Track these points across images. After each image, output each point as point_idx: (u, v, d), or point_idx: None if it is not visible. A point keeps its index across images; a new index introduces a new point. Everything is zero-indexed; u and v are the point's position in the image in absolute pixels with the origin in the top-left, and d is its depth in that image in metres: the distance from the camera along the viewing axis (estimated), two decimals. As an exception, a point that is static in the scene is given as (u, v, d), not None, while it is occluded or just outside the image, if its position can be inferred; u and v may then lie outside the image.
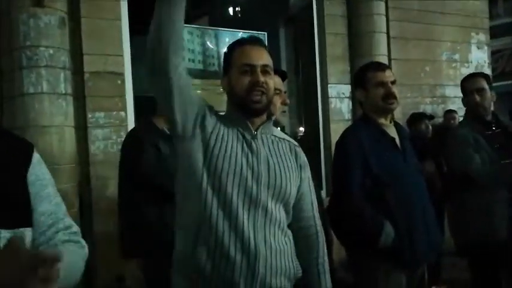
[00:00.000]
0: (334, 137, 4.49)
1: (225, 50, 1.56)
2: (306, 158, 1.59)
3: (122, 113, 3.61)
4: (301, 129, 5.15)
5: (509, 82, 11.74)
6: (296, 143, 1.59)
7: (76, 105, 3.42)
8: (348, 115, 4.65)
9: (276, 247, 1.40)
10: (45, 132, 3.15)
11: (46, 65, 3.14)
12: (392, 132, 2.15)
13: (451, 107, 5.26)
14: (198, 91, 4.17)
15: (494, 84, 3.03)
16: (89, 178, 3.45)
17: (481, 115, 2.61)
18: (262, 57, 1.46)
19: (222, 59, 1.58)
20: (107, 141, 3.52)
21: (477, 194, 2.50)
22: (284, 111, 1.89)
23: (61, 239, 1.04)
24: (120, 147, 2.75)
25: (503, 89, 10.65)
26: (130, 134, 2.66)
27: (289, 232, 1.50)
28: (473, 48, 5.63)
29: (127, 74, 3.69)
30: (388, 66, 2.25)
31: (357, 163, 2.02)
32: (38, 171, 1.05)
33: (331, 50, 4.63)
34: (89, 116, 3.48)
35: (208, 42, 4.43)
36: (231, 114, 1.49)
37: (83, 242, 1.10)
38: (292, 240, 1.50)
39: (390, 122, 2.18)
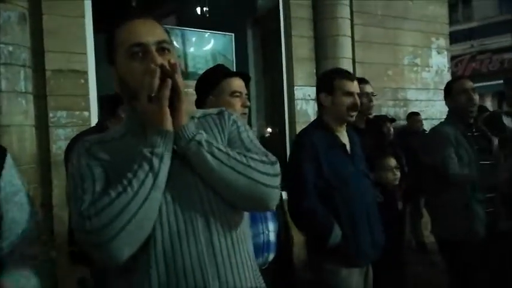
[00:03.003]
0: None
1: (191, 49, 1.37)
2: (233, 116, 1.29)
3: (85, 113, 3.54)
4: (269, 129, 5.19)
5: (488, 83, 12.18)
6: (218, 111, 1.29)
7: (37, 104, 3.33)
8: (313, 117, 4.70)
9: None
10: (4, 131, 3.06)
11: (5, 63, 3.05)
12: (344, 138, 2.23)
13: (412, 109, 5.44)
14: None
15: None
16: (50, 179, 3.37)
17: (466, 116, 2.70)
18: (154, 33, 1.12)
19: (188, 60, 1.42)
20: (69, 141, 3.43)
21: (454, 193, 2.61)
22: (245, 113, 1.90)
23: (26, 253, 1.02)
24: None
25: (481, 91, 11.06)
26: (74, 138, 2.57)
27: None
28: (434, 53, 5.82)
29: (90, 73, 3.61)
30: (356, 77, 2.31)
31: (311, 164, 2.08)
32: (10, 177, 1.03)
33: (297, 52, 4.69)
34: (51, 115, 3.40)
35: (174, 42, 4.40)
36: (135, 119, 1.15)
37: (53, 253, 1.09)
38: None
39: (343, 129, 2.24)
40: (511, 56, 13.36)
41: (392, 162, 2.71)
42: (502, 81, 12.48)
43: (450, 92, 2.80)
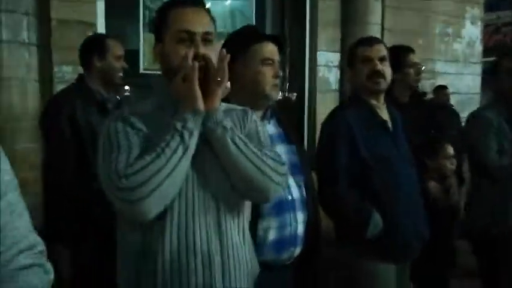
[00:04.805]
0: (320, 108, 4.33)
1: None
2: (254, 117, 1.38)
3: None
4: (286, 95, 4.89)
5: (491, 59, 11.70)
6: (243, 108, 1.38)
7: (41, 56, 3.08)
8: (335, 85, 4.42)
9: None
10: (4, 85, 2.85)
11: (6, 10, 2.80)
12: (384, 114, 2.00)
13: (440, 82, 5.13)
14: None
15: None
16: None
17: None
18: (202, 23, 1.24)
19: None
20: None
21: (492, 185, 2.38)
22: (276, 85, 1.64)
23: (22, 264, 0.80)
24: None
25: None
26: (53, 101, 2.27)
27: None
28: (467, 23, 5.43)
29: (99, 25, 3.35)
30: (380, 41, 2.05)
31: (344, 147, 1.87)
32: None
33: (323, 14, 4.34)
34: (55, 69, 3.14)
35: None
36: (166, 95, 1.27)
37: (48, 265, 0.87)
38: None
39: (383, 104, 2.00)
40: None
41: (450, 149, 2.46)
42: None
43: (498, 69, 2.50)
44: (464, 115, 5.21)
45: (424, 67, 2.74)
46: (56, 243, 1.98)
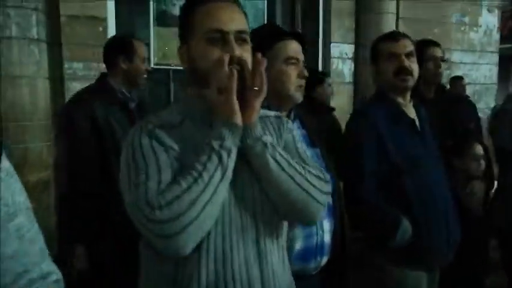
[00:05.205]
0: (335, 101, 4.25)
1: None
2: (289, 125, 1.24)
3: (104, 65, 3.21)
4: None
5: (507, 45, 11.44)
6: (276, 114, 1.24)
7: (51, 53, 3.02)
8: (349, 78, 4.33)
9: None
10: (14, 83, 2.81)
11: (15, 5, 2.74)
12: (412, 113, 1.89)
13: (456, 73, 5.00)
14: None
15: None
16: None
17: None
18: (235, 20, 1.07)
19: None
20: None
21: None
22: (301, 85, 1.56)
23: None
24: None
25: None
26: (76, 101, 2.18)
27: None
28: (484, 11, 5.27)
29: (110, 20, 3.29)
30: (406, 35, 1.94)
31: (371, 149, 1.76)
32: (5, 192, 0.71)
33: (337, 3, 4.23)
34: (66, 66, 3.10)
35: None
36: (195, 105, 1.10)
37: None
38: None
39: (409, 101, 1.90)
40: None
41: (479, 149, 2.34)
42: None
43: None
44: (480, 106, 5.11)
45: (446, 59, 2.62)
46: (73, 243, 2.00)
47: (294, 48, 1.55)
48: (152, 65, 3.65)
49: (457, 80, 4.91)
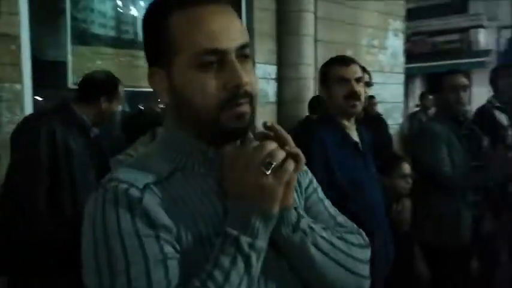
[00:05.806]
0: (259, 121, 4.30)
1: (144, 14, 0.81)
2: None
3: (17, 86, 2.96)
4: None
5: (419, 65, 12.47)
6: None
7: (-44, 73, 2.71)
8: (273, 99, 4.42)
9: None
10: None
11: None
12: (355, 135, 1.96)
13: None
14: (110, 61, 3.59)
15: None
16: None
17: (456, 114, 2.53)
18: (235, 31, 0.76)
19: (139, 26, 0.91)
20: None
21: (444, 197, 2.43)
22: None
23: None
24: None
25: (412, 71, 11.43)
26: (28, 118, 2.19)
27: None
28: (390, 35, 5.71)
29: (24, 38, 3.01)
30: (354, 60, 2.01)
31: (320, 170, 1.76)
32: None
33: (259, 26, 4.32)
34: (-26, 88, 2.79)
35: (122, 5, 3.83)
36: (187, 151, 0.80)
37: None
38: None
39: (353, 124, 1.98)
40: (443, 40, 13.88)
41: (407, 168, 2.47)
42: (432, 64, 13.08)
43: (438, 86, 2.61)
44: (390, 122, 5.48)
45: (372, 85, 2.78)
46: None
47: None
48: (70, 85, 3.44)
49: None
